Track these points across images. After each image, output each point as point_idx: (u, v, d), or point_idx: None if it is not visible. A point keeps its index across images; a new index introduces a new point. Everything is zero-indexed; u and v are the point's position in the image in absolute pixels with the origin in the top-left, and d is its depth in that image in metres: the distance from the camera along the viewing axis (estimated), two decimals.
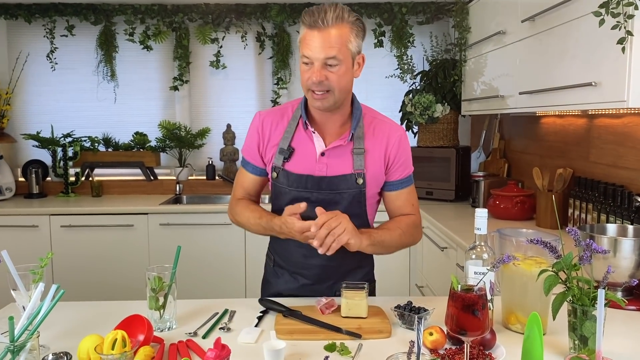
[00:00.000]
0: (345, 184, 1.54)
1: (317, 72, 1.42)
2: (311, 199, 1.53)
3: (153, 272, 1.35)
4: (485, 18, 2.89)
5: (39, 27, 3.83)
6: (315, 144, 1.55)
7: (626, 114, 2.15)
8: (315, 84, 1.43)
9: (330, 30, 1.40)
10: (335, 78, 1.44)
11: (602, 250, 1.08)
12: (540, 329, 0.99)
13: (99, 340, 1.18)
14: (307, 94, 1.50)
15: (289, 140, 1.56)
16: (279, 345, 1.16)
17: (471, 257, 1.32)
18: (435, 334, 1.21)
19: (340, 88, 1.46)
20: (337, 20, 1.41)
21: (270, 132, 1.59)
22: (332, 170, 1.54)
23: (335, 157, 1.55)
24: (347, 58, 1.45)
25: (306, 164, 1.55)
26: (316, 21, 1.40)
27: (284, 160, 1.56)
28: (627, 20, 1.55)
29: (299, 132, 1.57)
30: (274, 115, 1.61)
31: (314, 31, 1.41)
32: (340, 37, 1.41)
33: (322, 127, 1.57)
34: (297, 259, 1.63)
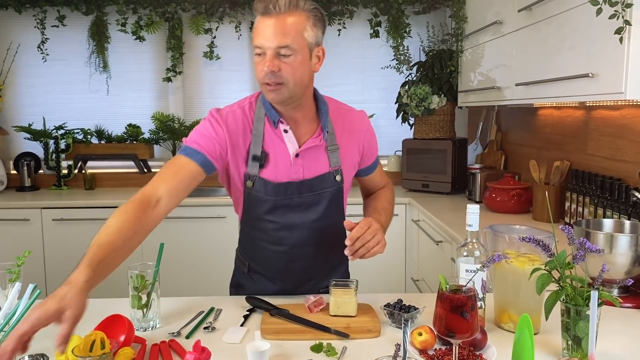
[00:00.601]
0: (325, 184, 1.49)
1: (269, 62, 1.31)
2: (291, 204, 1.48)
3: (135, 271, 1.31)
4: (482, 7, 2.84)
5: (30, 18, 3.76)
6: (288, 145, 1.45)
7: (624, 105, 2.11)
8: (267, 74, 1.32)
9: (283, 17, 1.30)
10: (289, 69, 1.33)
11: (596, 250, 1.04)
12: (531, 331, 0.96)
13: (78, 341, 1.15)
14: (262, 88, 1.39)
15: (260, 145, 1.44)
16: (263, 346, 1.12)
17: (463, 254, 1.29)
18: (424, 334, 1.17)
19: (295, 81, 1.35)
20: (291, 7, 1.31)
21: (237, 137, 1.44)
22: (309, 172, 1.47)
23: (310, 157, 1.47)
24: (303, 48, 1.34)
25: (281, 169, 1.45)
26: (267, 7, 1.30)
27: (259, 167, 1.45)
28: (625, 9, 1.50)
29: (268, 133, 1.45)
30: (235, 117, 1.45)
31: (265, 18, 1.31)
32: (295, 25, 1.31)
33: (291, 124, 1.46)
34: (278, 265, 1.56)
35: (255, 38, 1.34)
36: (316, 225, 1.50)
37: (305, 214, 1.48)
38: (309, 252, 1.54)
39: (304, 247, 1.53)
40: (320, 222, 1.50)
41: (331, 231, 1.53)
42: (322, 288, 1.58)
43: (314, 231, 1.51)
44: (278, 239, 1.52)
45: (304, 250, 1.53)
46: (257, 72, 1.36)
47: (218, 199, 3.45)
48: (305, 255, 1.54)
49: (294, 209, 1.46)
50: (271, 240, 1.53)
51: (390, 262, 3.33)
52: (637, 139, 2.03)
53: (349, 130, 1.54)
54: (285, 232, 1.51)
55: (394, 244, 3.33)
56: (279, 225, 1.50)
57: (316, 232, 1.52)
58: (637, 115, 2.04)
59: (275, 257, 1.55)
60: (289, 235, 1.51)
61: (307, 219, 1.49)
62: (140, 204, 1.30)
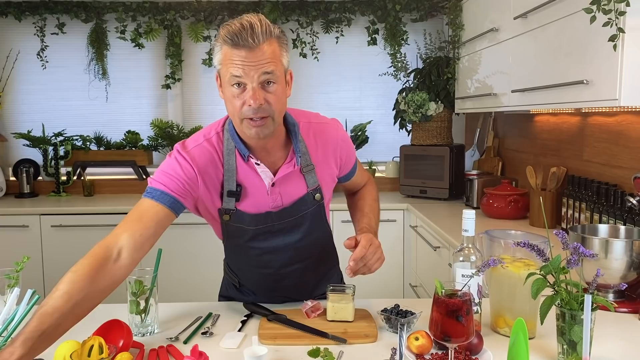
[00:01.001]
0: (305, 205, 1.43)
1: (255, 95, 1.20)
2: (272, 230, 1.43)
3: (133, 276, 1.32)
4: (479, 15, 2.86)
5: (29, 25, 3.79)
6: (262, 176, 1.38)
7: (620, 112, 2.12)
8: (253, 109, 1.21)
9: (263, 47, 1.20)
10: (275, 100, 1.24)
11: (589, 254, 1.05)
12: (526, 335, 0.97)
13: (76, 347, 1.15)
14: (241, 124, 1.26)
15: (234, 179, 1.36)
16: (261, 351, 1.13)
17: (459, 259, 1.30)
18: (421, 339, 1.18)
19: (279, 111, 1.27)
20: (266, 35, 1.21)
21: (208, 173, 1.35)
22: (287, 198, 1.41)
23: (286, 183, 1.40)
24: (282, 75, 1.27)
25: (259, 200, 1.39)
26: (245, 39, 1.18)
27: (236, 201, 1.38)
28: (618, 17, 1.52)
29: (240, 165, 1.37)
30: (204, 153, 1.35)
31: (241, 50, 1.19)
32: (273, 53, 1.22)
33: (262, 155, 1.37)
34: (267, 284, 1.54)
35: (230, 68, 1.21)
36: (300, 245, 1.47)
37: (288, 236, 1.43)
38: (297, 269, 1.51)
39: (290, 266, 1.50)
40: (304, 242, 1.47)
41: (316, 247, 1.52)
42: (316, 296, 1.58)
43: (299, 250, 1.48)
44: (264, 263, 1.50)
45: (291, 269, 1.51)
46: (234, 107, 1.24)
47: None
48: (293, 273, 1.52)
49: (275, 233, 1.42)
50: (257, 264, 1.51)
51: (388, 268, 3.32)
52: (633, 145, 2.05)
53: (323, 144, 1.45)
54: (270, 256, 1.48)
55: (392, 250, 3.34)
56: (262, 250, 1.47)
57: (301, 251, 1.49)
58: (633, 122, 2.06)
59: (264, 278, 1.53)
60: (275, 257, 1.48)
61: (291, 240, 1.45)
62: (97, 260, 1.17)
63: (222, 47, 1.23)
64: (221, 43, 1.23)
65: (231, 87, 1.23)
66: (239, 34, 1.18)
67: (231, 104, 1.25)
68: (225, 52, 1.22)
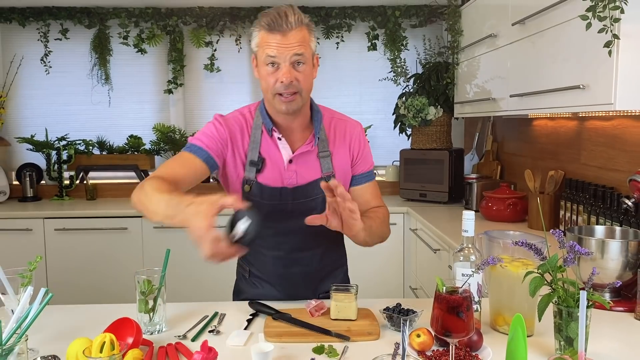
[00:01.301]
0: (318, 189, 1.51)
1: (286, 73, 1.39)
2: (286, 209, 1.54)
3: (142, 276, 1.35)
4: (477, 21, 2.91)
5: (33, 31, 3.84)
6: (282, 152, 1.53)
7: (616, 116, 2.17)
8: (285, 85, 1.40)
9: (294, 32, 1.39)
10: (303, 78, 1.42)
11: (585, 252, 1.09)
12: (524, 331, 1.00)
13: (88, 344, 1.19)
14: (274, 100, 1.44)
15: (257, 150, 1.52)
16: (267, 347, 1.17)
17: (459, 259, 1.33)
18: (422, 336, 1.22)
19: (307, 89, 1.46)
20: (298, 22, 1.41)
21: (236, 140, 1.53)
22: (302, 178, 1.54)
23: (303, 163, 1.54)
24: (310, 57, 1.45)
25: (276, 174, 1.52)
26: (280, 24, 1.38)
27: (257, 172, 1.53)
28: (613, 23, 1.56)
29: (265, 140, 1.53)
30: (236, 121, 1.55)
31: (277, 34, 1.38)
32: (304, 37, 1.41)
33: (287, 132, 1.54)
34: (277, 270, 1.62)
35: (266, 49, 1.39)
36: (311, 231, 1.48)
37: (301, 219, 1.45)
38: (305, 257, 1.60)
39: (299, 252, 1.60)
40: (315, 228, 1.49)
41: (326, 237, 1.58)
42: (321, 293, 1.63)
43: (309, 236, 1.57)
44: (275, 244, 1.59)
45: (300, 255, 1.60)
46: (268, 84, 1.42)
47: None
48: (301, 260, 1.61)
49: (289, 214, 1.52)
50: (269, 245, 1.60)
51: (388, 271, 3.37)
52: (629, 148, 2.09)
53: (341, 137, 1.59)
54: (282, 238, 1.58)
55: (392, 253, 3.38)
56: (275, 231, 1.56)
57: (311, 238, 1.58)
58: (628, 126, 2.10)
59: (274, 262, 1.62)
60: (286, 240, 1.58)
61: (303, 224, 1.45)
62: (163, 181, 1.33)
63: (260, 32, 1.42)
64: (259, 28, 1.42)
65: (266, 66, 1.41)
66: (275, 21, 1.38)
67: (265, 81, 1.43)
68: (262, 36, 1.41)
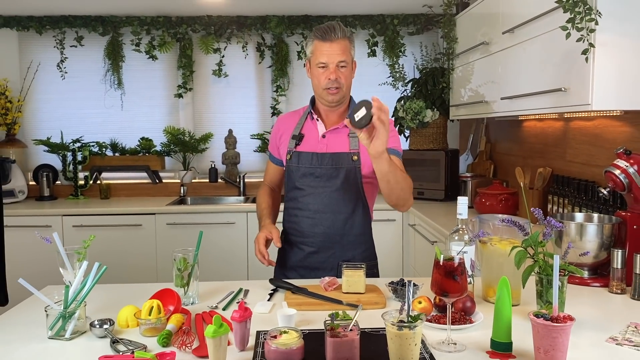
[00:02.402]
0: (343, 161, 1.88)
1: (333, 73, 1.82)
2: (315, 174, 1.90)
3: (179, 254, 1.55)
4: (471, 29, 3.12)
5: (50, 38, 4.04)
6: (318, 129, 1.94)
7: (597, 116, 2.38)
8: (332, 81, 1.82)
9: (339, 42, 1.82)
10: (344, 77, 1.85)
11: (559, 226, 1.29)
12: (509, 291, 1.20)
13: (135, 310, 1.38)
14: (323, 93, 1.86)
15: (299, 129, 1.96)
16: (291, 311, 1.36)
17: (454, 238, 1.53)
18: (423, 302, 1.42)
19: (347, 85, 1.88)
20: (343, 35, 1.83)
21: (284, 129, 2.00)
22: (331, 148, 1.90)
23: (334, 138, 1.91)
24: (350, 62, 1.87)
25: (311, 144, 1.92)
26: (330, 36, 1.81)
27: (296, 144, 1.93)
28: (589, 33, 1.77)
29: (307, 122, 1.98)
30: (289, 115, 2.07)
31: (326, 43, 1.82)
32: (347, 47, 1.84)
33: (324, 117, 1.95)
34: (304, 227, 1.94)
35: (318, 57, 1.83)
36: (335, 195, 1.89)
37: (327, 183, 1.89)
38: (329, 217, 1.90)
39: (324, 213, 1.90)
40: (338, 193, 1.89)
41: (346, 203, 1.89)
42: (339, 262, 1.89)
43: (333, 200, 1.89)
44: (304, 205, 1.92)
45: (324, 216, 1.90)
46: (319, 81, 1.85)
47: (227, 206, 3.69)
48: (326, 220, 1.90)
49: (317, 178, 1.90)
50: (299, 206, 1.94)
51: (388, 263, 3.56)
52: (608, 145, 2.30)
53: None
54: (310, 198, 1.91)
55: (391, 247, 3.58)
56: (305, 192, 1.92)
57: (334, 201, 1.89)
58: (608, 125, 2.31)
59: (302, 221, 1.94)
60: (313, 201, 1.91)
61: (328, 188, 1.89)
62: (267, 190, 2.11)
63: (314, 41, 1.85)
64: (313, 39, 1.86)
65: (318, 68, 1.84)
66: (326, 33, 1.81)
67: (317, 79, 1.86)
68: (316, 45, 1.85)
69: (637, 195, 1.72)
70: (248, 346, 1.25)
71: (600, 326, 1.37)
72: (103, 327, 1.33)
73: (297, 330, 1.19)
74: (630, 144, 2.12)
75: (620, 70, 1.83)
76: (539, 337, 1.13)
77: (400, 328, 1.11)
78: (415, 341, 1.11)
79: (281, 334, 1.17)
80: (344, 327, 1.16)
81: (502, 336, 1.19)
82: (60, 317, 1.31)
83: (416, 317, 1.13)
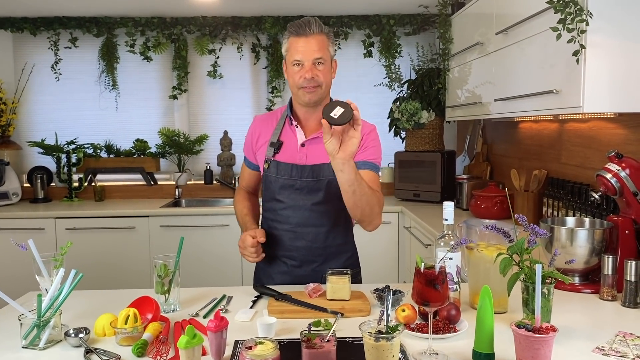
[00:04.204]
0: (324, 172, 1.76)
1: (309, 70, 1.68)
2: (296, 186, 1.79)
3: (160, 260, 1.52)
4: (466, 30, 3.08)
5: (44, 40, 4.02)
6: (297, 137, 1.81)
7: (591, 118, 2.34)
8: (307, 80, 1.68)
9: (314, 37, 1.69)
10: (323, 74, 1.71)
11: (543, 233, 1.26)
12: (491, 300, 1.17)
13: (113, 318, 1.36)
14: (298, 92, 1.73)
15: (277, 136, 1.83)
16: (270, 320, 1.33)
17: (440, 244, 1.50)
18: (407, 311, 1.39)
19: (326, 83, 1.74)
20: (319, 29, 1.70)
21: (261, 132, 1.87)
22: (311, 159, 1.78)
23: (314, 148, 1.79)
24: (328, 60, 1.73)
25: (290, 153, 1.80)
26: (304, 30, 1.68)
27: (274, 152, 1.81)
28: (580, 34, 1.73)
29: (286, 127, 1.84)
30: (266, 117, 1.92)
31: (301, 38, 1.68)
32: (323, 42, 1.71)
33: (304, 123, 1.82)
34: (283, 242, 1.84)
35: (293, 54, 1.69)
36: (316, 208, 1.78)
37: (308, 196, 1.78)
38: (310, 232, 1.80)
39: (305, 227, 1.80)
40: (320, 206, 1.78)
41: (329, 215, 1.80)
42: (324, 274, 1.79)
43: (314, 213, 1.79)
44: (284, 218, 1.82)
45: (306, 230, 1.81)
46: (294, 79, 1.71)
47: (222, 208, 3.67)
48: (307, 235, 1.81)
49: (297, 191, 1.78)
50: (279, 219, 1.84)
51: (383, 267, 3.53)
52: (602, 148, 2.26)
53: None
54: (290, 212, 1.81)
55: (387, 250, 3.55)
56: (285, 205, 1.81)
57: (316, 214, 1.79)
58: (602, 127, 2.27)
59: (282, 235, 1.84)
60: (293, 214, 1.81)
61: (309, 201, 1.78)
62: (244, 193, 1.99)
63: (289, 38, 1.72)
64: (287, 35, 1.72)
65: (293, 66, 1.70)
66: (299, 27, 1.69)
67: (292, 78, 1.72)
68: (290, 41, 1.71)
69: (629, 199, 1.68)
70: (224, 356, 1.22)
71: (588, 335, 1.33)
72: (78, 337, 1.30)
73: (273, 340, 1.16)
74: (624, 147, 2.09)
75: (612, 72, 1.79)
76: (520, 348, 1.10)
77: (377, 339, 1.07)
78: (393, 352, 1.08)
79: (256, 345, 1.14)
80: (321, 337, 1.13)
81: (484, 347, 1.16)
82: (35, 326, 1.29)
83: (394, 328, 1.10)
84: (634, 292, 1.54)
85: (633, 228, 1.67)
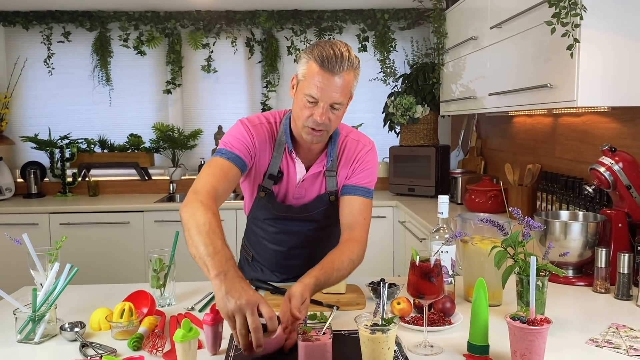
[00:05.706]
0: (320, 203, 1.65)
1: (323, 114, 1.43)
2: (289, 218, 1.68)
3: (155, 254, 1.52)
4: (461, 24, 3.09)
5: (37, 34, 3.99)
6: (297, 170, 1.61)
7: (585, 112, 2.35)
8: (317, 123, 1.44)
9: (343, 76, 1.41)
10: (335, 120, 1.48)
11: (537, 226, 1.27)
12: (486, 292, 1.17)
13: (108, 312, 1.36)
14: (303, 129, 1.48)
15: (278, 166, 1.60)
16: None
17: (435, 238, 1.51)
18: (402, 304, 1.39)
19: (334, 128, 1.53)
20: (349, 66, 1.42)
21: (263, 150, 1.58)
22: (308, 196, 1.64)
23: (312, 182, 1.62)
24: (346, 103, 1.48)
25: (289, 189, 1.63)
26: (334, 67, 1.39)
27: (274, 183, 1.62)
28: (574, 28, 1.74)
29: (285, 156, 1.60)
30: (264, 132, 1.58)
31: (326, 73, 1.39)
32: (348, 84, 1.44)
33: (302, 153, 1.60)
34: (277, 261, 1.77)
35: (311, 87, 1.41)
36: (312, 233, 1.70)
37: (303, 224, 1.68)
38: (306, 252, 1.72)
39: (300, 249, 1.73)
40: (316, 231, 1.70)
41: (326, 235, 1.72)
42: None
43: (309, 238, 1.71)
44: (278, 240, 1.73)
45: (300, 251, 1.73)
46: (302, 115, 1.46)
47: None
48: (302, 255, 1.73)
49: (293, 221, 1.68)
50: (272, 240, 1.74)
51: (378, 261, 3.54)
52: (595, 142, 2.28)
53: (349, 156, 1.63)
54: (285, 236, 1.72)
55: (381, 244, 3.55)
56: (278, 229, 1.71)
57: (312, 237, 1.71)
58: (595, 121, 2.28)
59: (275, 254, 1.76)
60: (288, 238, 1.72)
61: (304, 228, 1.69)
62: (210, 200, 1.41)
63: (310, 62, 1.42)
64: (311, 59, 1.42)
65: (305, 97, 1.43)
66: (329, 59, 1.39)
67: (300, 110, 1.46)
68: (312, 69, 1.41)
69: (622, 193, 1.69)
70: (220, 350, 1.22)
71: (581, 327, 1.34)
72: (73, 331, 1.30)
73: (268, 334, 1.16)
74: (618, 140, 2.10)
75: (606, 66, 1.80)
76: (515, 340, 1.11)
77: (372, 332, 1.08)
78: (389, 345, 1.09)
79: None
80: (316, 330, 1.13)
81: (478, 339, 1.17)
82: (30, 321, 1.28)
83: (390, 320, 1.10)
84: (626, 284, 1.55)
85: (626, 221, 1.68)
